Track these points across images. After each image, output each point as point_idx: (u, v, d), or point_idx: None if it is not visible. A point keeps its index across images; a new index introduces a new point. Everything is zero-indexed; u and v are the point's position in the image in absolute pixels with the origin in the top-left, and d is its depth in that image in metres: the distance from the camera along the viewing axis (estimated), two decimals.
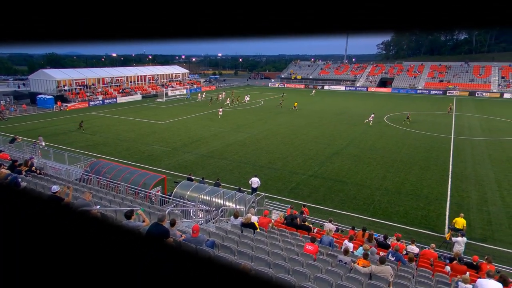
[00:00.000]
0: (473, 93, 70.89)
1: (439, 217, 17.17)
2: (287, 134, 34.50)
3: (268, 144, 30.60)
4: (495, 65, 79.00)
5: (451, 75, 78.88)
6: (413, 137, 33.35)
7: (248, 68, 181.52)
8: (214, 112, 47.73)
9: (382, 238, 12.99)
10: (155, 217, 10.51)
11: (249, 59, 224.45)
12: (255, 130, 36.29)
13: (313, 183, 21.42)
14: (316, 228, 14.25)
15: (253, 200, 16.29)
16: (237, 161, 25.61)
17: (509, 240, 14.99)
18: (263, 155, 27.27)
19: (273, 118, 43.63)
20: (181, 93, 69.12)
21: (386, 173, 23.19)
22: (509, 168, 24.29)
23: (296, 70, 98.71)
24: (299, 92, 76.59)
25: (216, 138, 32.72)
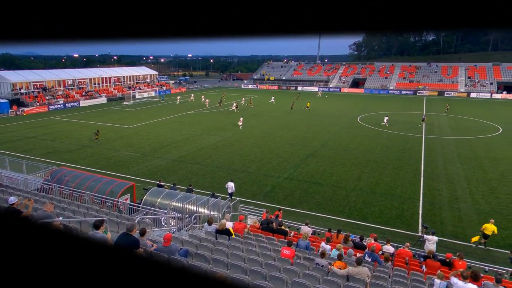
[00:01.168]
0: (442, 93, 74.41)
1: (412, 215, 17.84)
2: (261, 136, 34.67)
3: (241, 147, 30.60)
4: (461, 65, 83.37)
5: (421, 76, 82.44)
6: (386, 137, 34.50)
7: (219, 69, 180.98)
8: (186, 115, 47.19)
9: (358, 239, 13.31)
10: (123, 227, 10.20)
11: (221, 59, 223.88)
12: (228, 132, 36.20)
13: (288, 186, 21.63)
14: (292, 232, 14.37)
15: (227, 205, 16.20)
16: (210, 166, 25.43)
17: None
18: (236, 158, 27.23)
19: (246, 120, 43.68)
20: (150, 96, 67.80)
21: (361, 174, 23.82)
22: (477, 165, 25.66)
23: (269, 71, 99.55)
24: (286, 93, 77.27)
25: (187, 142, 32.33)
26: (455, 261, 11.41)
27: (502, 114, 47.98)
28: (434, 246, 13.24)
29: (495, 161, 26.57)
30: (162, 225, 14.09)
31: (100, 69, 75.57)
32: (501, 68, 79.06)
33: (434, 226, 16.40)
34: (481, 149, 30.20)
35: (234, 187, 19.04)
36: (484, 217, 17.44)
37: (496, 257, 14.15)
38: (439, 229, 16.39)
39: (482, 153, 28.77)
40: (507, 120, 43.61)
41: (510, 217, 17.47)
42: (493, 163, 26.08)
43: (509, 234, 15.89)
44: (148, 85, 75.09)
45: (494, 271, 12.03)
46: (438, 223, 16.97)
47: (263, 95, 71.15)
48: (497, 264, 13.15)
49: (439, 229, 16.32)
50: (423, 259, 11.99)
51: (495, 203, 19.18)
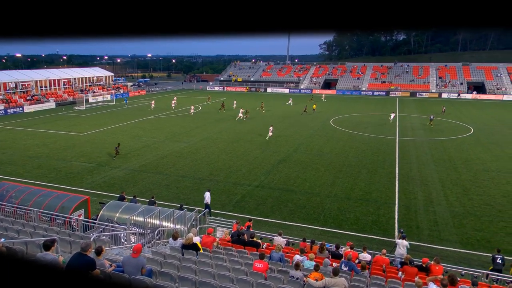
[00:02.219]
0: (414, 94, 77.90)
1: (388, 221, 18.44)
2: (230, 141, 34.62)
3: (208, 153, 30.39)
4: (432, 65, 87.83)
5: (393, 76, 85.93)
6: (360, 140, 35.55)
7: (182, 70, 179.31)
8: (147, 120, 46.25)
9: (334, 248, 13.55)
10: (77, 247, 9.79)
11: (184, 60, 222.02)
12: (193, 138, 35.85)
13: (259, 194, 21.69)
14: (265, 244, 14.40)
15: (194, 217, 15.99)
16: (174, 175, 25.03)
17: (455, 239, 16.62)
18: (203, 166, 27.00)
19: (213, 124, 43.49)
20: (105, 100, 65.85)
21: (335, 179, 24.35)
22: (451, 167, 27.01)
23: (236, 72, 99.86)
24: (254, 96, 77.46)
25: (149, 149, 31.65)
26: (432, 266, 11.89)
27: (473, 115, 50.90)
28: (405, 251, 13.77)
29: (468, 162, 28.09)
30: (122, 242, 13.65)
31: (47, 70, 72.51)
32: (470, 68, 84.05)
33: (410, 231, 17.05)
34: (454, 150, 31.84)
35: (209, 197, 18.84)
36: (458, 219, 18.37)
37: (472, 260, 14.90)
38: (415, 233, 17.06)
39: (455, 154, 30.34)
40: (478, 121, 46.32)
41: (483, 219, 18.49)
42: (466, 164, 27.55)
43: (483, 236, 16.80)
44: (103, 88, 72.91)
45: (470, 274, 12.67)
46: (414, 228, 17.65)
47: (231, 98, 71.21)
48: (473, 267, 13.84)
49: (415, 234, 17.00)
50: (400, 266, 12.40)
51: (469, 204, 20.24)
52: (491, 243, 15.95)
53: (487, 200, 20.78)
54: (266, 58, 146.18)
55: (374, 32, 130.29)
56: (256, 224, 17.09)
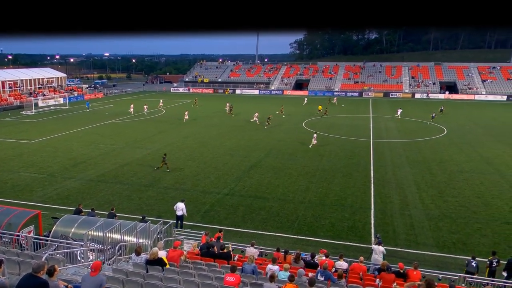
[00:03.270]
0: (387, 94, 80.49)
1: (364, 226, 18.88)
2: (196, 147, 34.34)
3: (173, 160, 29.97)
4: (405, 65, 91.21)
5: (365, 76, 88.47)
6: (333, 143, 36.28)
7: (144, 71, 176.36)
8: (104, 125, 45.05)
9: (309, 257, 13.70)
10: (28, 267, 9.35)
11: (145, 59, 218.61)
12: (157, 144, 35.27)
13: (230, 203, 21.62)
14: (236, 255, 14.34)
15: (159, 230, 15.69)
16: (136, 184, 24.51)
17: (431, 243, 17.25)
18: (168, 174, 26.60)
19: (177, 129, 43.00)
20: (57, 103, 63.58)
21: (309, 184, 24.68)
22: (425, 169, 28.07)
23: (202, 72, 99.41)
24: (221, 97, 77.06)
25: (107, 157, 30.82)
26: (409, 271, 12.28)
27: (446, 115, 53.17)
28: (381, 257, 14.16)
29: (442, 163, 29.31)
30: (79, 260, 13.17)
31: None
32: (442, 67, 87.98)
33: (387, 236, 17.54)
34: (429, 151, 33.14)
35: (185, 209, 18.50)
36: (434, 222, 19.09)
37: (449, 263, 15.51)
38: (392, 238, 17.57)
39: (429, 156, 31.57)
40: (451, 121, 48.48)
41: (459, 221, 19.32)
42: (440, 166, 28.73)
43: (459, 238, 17.55)
44: (54, 90, 70.37)
45: (448, 278, 13.18)
46: (391, 232, 18.17)
47: (204, 100, 70.76)
48: (450, 270, 14.40)
49: (392, 239, 17.50)
50: (377, 273, 12.71)
51: (444, 207, 21.10)
52: (467, 245, 16.68)
53: (462, 202, 21.74)
54: (234, 57, 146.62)
55: (346, 31, 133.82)
56: (227, 235, 16.99)
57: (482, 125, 46.19)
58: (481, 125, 46.19)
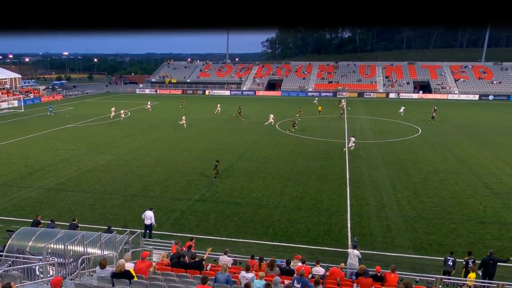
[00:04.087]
0: (361, 94, 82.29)
1: (341, 230, 19.19)
2: (165, 151, 33.91)
3: (140, 166, 29.51)
4: (379, 64, 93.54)
5: (339, 76, 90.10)
6: (308, 145, 36.71)
7: (107, 71, 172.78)
8: (64, 129, 43.76)
9: (285, 263, 13.77)
10: None
11: (108, 59, 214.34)
12: (122, 149, 34.60)
13: (201, 209, 21.47)
14: (209, 264, 14.24)
15: (125, 241, 15.36)
16: (100, 192, 23.94)
17: (408, 245, 17.74)
18: (135, 180, 26.14)
19: (145, 132, 42.35)
20: (11, 106, 61.26)
21: (284, 188, 24.84)
22: (401, 169, 28.85)
23: (170, 72, 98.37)
24: (191, 98, 76.30)
25: (68, 163, 29.95)
26: (387, 274, 12.56)
27: (420, 115, 54.88)
28: (356, 261, 14.44)
29: (418, 164, 30.21)
30: (37, 276, 12.70)
31: None
32: (415, 67, 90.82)
33: (364, 239, 17.90)
34: (403, 152, 34.09)
35: (154, 217, 18.18)
36: (411, 224, 19.64)
37: (426, 265, 15.99)
38: (369, 241, 17.93)
39: (404, 156, 32.47)
40: (424, 121, 50.06)
41: (435, 221, 19.96)
42: (415, 166, 29.60)
43: (435, 239, 18.12)
44: (7, 92, 67.74)
45: (425, 280, 13.58)
46: (368, 235, 18.54)
47: (168, 101, 69.98)
48: (427, 272, 14.84)
49: (369, 242, 17.87)
50: (355, 277, 12.93)
51: (420, 208, 21.75)
52: (443, 246, 17.24)
53: (437, 202, 22.48)
54: (203, 56, 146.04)
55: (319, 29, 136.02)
56: (199, 243, 16.86)
57: (455, 124, 47.94)
58: (454, 124, 47.93)
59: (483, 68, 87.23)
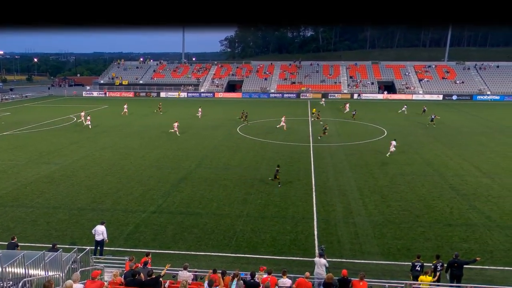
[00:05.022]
0: (325, 95, 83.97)
1: (308, 238, 19.42)
2: (116, 159, 33.07)
3: (89, 176, 28.60)
4: (342, 64, 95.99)
5: (303, 76, 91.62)
6: (271, 149, 36.98)
7: (49, 72, 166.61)
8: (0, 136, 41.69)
9: (249, 276, 13.76)
10: None
11: (50, 58, 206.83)
12: (68, 158, 33.41)
13: (157, 222, 21.09)
14: (167, 281, 14.00)
15: (73, 259, 14.81)
16: (42, 207, 22.98)
17: (376, 251, 18.22)
18: (82, 192, 25.30)
19: (93, 139, 41.13)
20: None
21: (247, 196, 24.86)
22: (368, 173, 29.66)
23: (120, 73, 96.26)
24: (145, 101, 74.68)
25: (5, 176, 28.55)
26: (355, 282, 12.84)
27: (386, 116, 56.84)
28: (324, 270, 14.69)
29: (384, 167, 31.18)
30: None
31: None
32: (380, 66, 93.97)
33: (331, 247, 18.22)
34: (370, 154, 35.08)
35: (106, 232, 17.60)
36: (379, 229, 20.20)
37: (395, 271, 16.48)
38: (337, 249, 18.27)
39: (371, 159, 33.43)
40: (391, 122, 51.87)
41: (402, 226, 20.64)
42: (382, 169, 30.54)
43: (403, 244, 18.73)
44: None
45: (394, 286, 14.00)
46: (335, 243, 18.89)
47: (117, 105, 68.33)
48: (396, 278, 15.31)
49: (337, 250, 18.20)
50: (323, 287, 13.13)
51: (387, 212, 22.43)
52: (411, 251, 17.85)
53: (404, 206, 23.27)
54: (157, 56, 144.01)
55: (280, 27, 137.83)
56: (156, 259, 16.52)
57: (421, 126, 49.95)
58: (420, 126, 49.93)
59: (446, 67, 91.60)
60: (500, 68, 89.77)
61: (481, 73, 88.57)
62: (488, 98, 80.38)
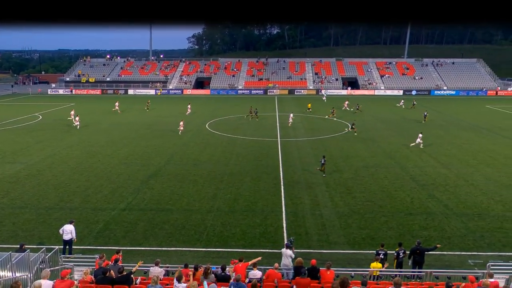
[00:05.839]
0: (292, 91, 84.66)
1: (277, 231, 19.60)
2: (84, 158, 32.21)
3: (56, 175, 27.74)
4: (308, 61, 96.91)
5: (269, 73, 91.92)
6: (240, 145, 36.99)
7: (12, 69, 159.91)
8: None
9: (220, 270, 13.76)
10: None
11: (13, 55, 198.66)
12: (34, 157, 32.27)
13: (128, 219, 20.74)
14: (139, 278, 13.80)
15: (41, 259, 14.36)
16: (8, 207, 22.15)
17: (342, 241, 18.61)
18: (50, 191, 24.53)
19: (59, 138, 39.88)
20: None
21: (217, 191, 24.80)
22: (333, 166, 30.07)
23: (87, 71, 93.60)
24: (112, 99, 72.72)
25: None
26: (323, 271, 13.07)
27: (349, 111, 57.78)
28: (290, 261, 14.90)
29: (349, 160, 31.80)
30: None
31: None
32: (343, 63, 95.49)
33: (300, 238, 18.45)
34: (335, 148, 35.67)
35: (74, 231, 17.10)
36: (344, 220, 20.62)
37: (360, 260, 16.89)
38: (305, 240, 18.53)
39: (336, 153, 34.00)
40: (352, 117, 52.80)
41: (367, 216, 21.15)
42: (347, 162, 31.13)
43: (368, 234, 19.20)
44: None
45: (360, 274, 14.34)
46: (304, 234, 19.15)
47: (88, 103, 66.47)
48: (361, 266, 15.72)
49: (305, 241, 18.46)
50: (292, 277, 13.29)
51: (352, 203, 22.92)
52: (375, 240, 18.33)
53: (368, 197, 23.85)
54: (124, 53, 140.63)
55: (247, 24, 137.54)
56: (127, 256, 16.27)
57: (383, 120, 51.18)
58: (381, 119, 51.15)
59: (406, 64, 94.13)
60: (456, 65, 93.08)
61: (438, 69, 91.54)
62: (444, 93, 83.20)
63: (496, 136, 35.83)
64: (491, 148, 35.19)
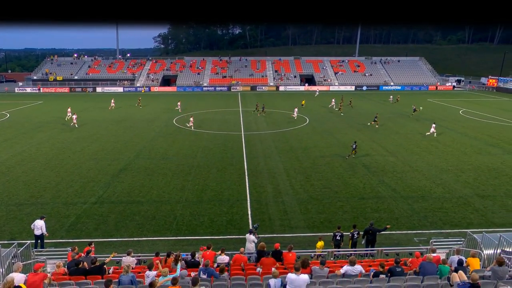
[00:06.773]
0: (254, 88, 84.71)
1: (242, 218, 19.69)
2: (54, 154, 30.96)
3: (26, 171, 26.52)
4: (268, 59, 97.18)
5: (233, 70, 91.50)
6: (206, 139, 36.72)
7: None
8: None
9: (190, 256, 13.68)
10: None
11: None
12: (2, 155, 30.70)
13: (99, 212, 20.19)
14: (111, 267, 13.49)
15: (13, 254, 13.72)
16: None
17: (303, 225, 18.95)
18: (20, 188, 23.44)
19: (28, 135, 38.09)
20: None
21: (185, 183, 24.55)
22: (293, 157, 30.53)
23: (54, 69, 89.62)
24: (81, 96, 69.80)
25: None
26: (285, 254, 13.29)
27: (308, 106, 58.53)
28: (253, 245, 15.06)
29: (307, 150, 32.29)
30: None
31: None
32: (301, 61, 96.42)
33: (264, 224, 18.64)
34: (294, 140, 36.11)
35: (45, 227, 16.43)
36: (304, 205, 20.99)
37: None
38: (269, 226, 18.73)
39: (295, 144, 34.43)
40: (311, 111, 53.60)
41: (324, 201, 21.62)
42: (305, 153, 31.60)
43: (326, 217, 19.65)
44: None
45: (319, 255, 14.67)
46: (267, 220, 19.34)
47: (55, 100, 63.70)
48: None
49: (269, 226, 18.66)
50: (257, 260, 13.42)
51: (311, 190, 23.34)
52: (332, 223, 18.79)
53: (325, 184, 24.35)
54: (91, 52, 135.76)
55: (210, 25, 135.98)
56: (99, 247, 15.86)
57: (336, 113, 52.17)
58: (335, 113, 52.14)
59: (357, 62, 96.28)
60: (401, 62, 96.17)
61: (386, 67, 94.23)
62: (391, 88, 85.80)
63: (437, 127, 37.47)
64: (432, 137, 36.73)
